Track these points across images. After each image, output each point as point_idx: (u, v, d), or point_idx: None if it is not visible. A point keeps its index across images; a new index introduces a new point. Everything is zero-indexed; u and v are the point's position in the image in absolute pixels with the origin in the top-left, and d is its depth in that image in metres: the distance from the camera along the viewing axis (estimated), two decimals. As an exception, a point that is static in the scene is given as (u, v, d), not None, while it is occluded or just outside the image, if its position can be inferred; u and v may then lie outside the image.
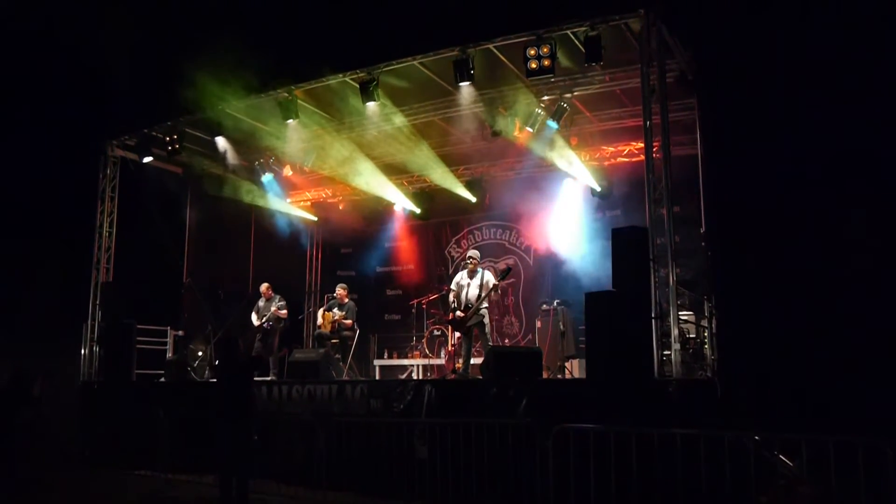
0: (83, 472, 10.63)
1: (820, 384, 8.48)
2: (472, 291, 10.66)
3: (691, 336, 9.86)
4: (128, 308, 12.55)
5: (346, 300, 12.65)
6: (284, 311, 12.75)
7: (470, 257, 11.07)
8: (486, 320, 10.72)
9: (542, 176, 13.60)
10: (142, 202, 13.57)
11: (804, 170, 9.64)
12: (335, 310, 12.48)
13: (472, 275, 10.84)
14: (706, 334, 9.75)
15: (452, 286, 11.10)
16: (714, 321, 9.54)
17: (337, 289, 12.85)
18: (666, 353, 8.17)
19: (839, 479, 5.59)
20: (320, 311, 12.88)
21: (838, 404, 7.97)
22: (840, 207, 9.31)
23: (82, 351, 12.66)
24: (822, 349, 8.83)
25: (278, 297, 12.83)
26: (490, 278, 10.77)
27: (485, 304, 10.66)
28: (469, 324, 10.62)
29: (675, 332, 8.15)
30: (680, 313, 8.53)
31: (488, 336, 10.82)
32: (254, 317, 12.83)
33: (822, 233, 9.35)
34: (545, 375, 10.44)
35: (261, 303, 12.86)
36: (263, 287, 12.96)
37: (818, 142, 9.64)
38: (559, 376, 11.10)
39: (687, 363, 8.61)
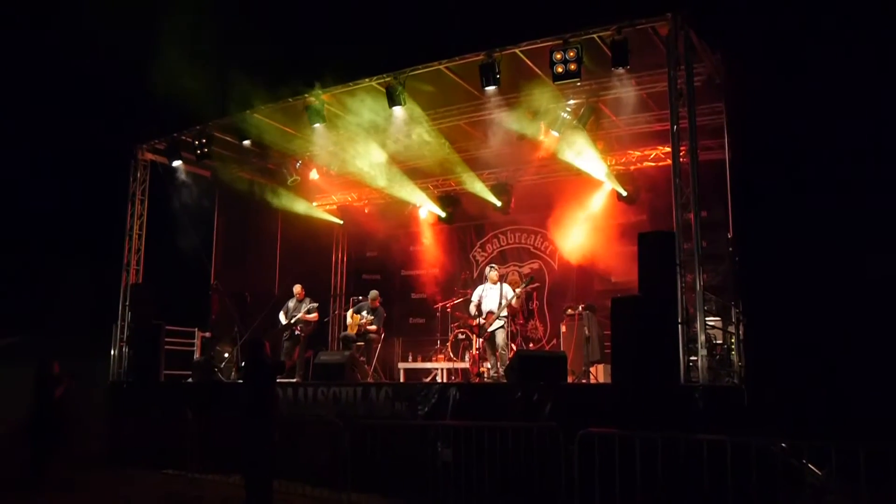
0: (111, 472, 10.76)
1: (849, 391, 8.37)
2: (493, 301, 11.41)
3: (718, 342, 9.77)
4: (156, 309, 12.72)
5: (378, 306, 12.76)
6: (313, 315, 12.90)
7: (491, 278, 11.69)
8: (505, 329, 11.19)
9: (568, 180, 13.55)
10: (171, 205, 13.75)
11: (834, 173, 9.53)
12: (364, 312, 12.57)
13: (492, 286, 11.63)
14: (733, 340, 9.65)
15: (473, 297, 11.77)
16: (741, 327, 9.45)
17: (371, 292, 12.97)
18: (692, 358, 8.10)
19: (869, 489, 5.51)
20: (349, 313, 12.99)
21: (869, 411, 7.85)
22: (873, 210, 9.18)
23: (112, 351, 12.82)
24: (850, 355, 8.72)
25: (309, 299, 12.99)
26: (508, 291, 11.47)
27: (504, 313, 11.24)
28: (490, 330, 11.28)
29: (701, 337, 8.06)
30: (707, 319, 8.43)
31: (505, 345, 11.18)
32: (282, 316, 12.96)
33: (854, 236, 9.22)
34: (570, 380, 10.42)
35: (291, 303, 12.99)
36: (297, 288, 13.11)
37: (848, 145, 9.52)
38: (584, 381, 11.08)
39: (713, 369, 8.51)
